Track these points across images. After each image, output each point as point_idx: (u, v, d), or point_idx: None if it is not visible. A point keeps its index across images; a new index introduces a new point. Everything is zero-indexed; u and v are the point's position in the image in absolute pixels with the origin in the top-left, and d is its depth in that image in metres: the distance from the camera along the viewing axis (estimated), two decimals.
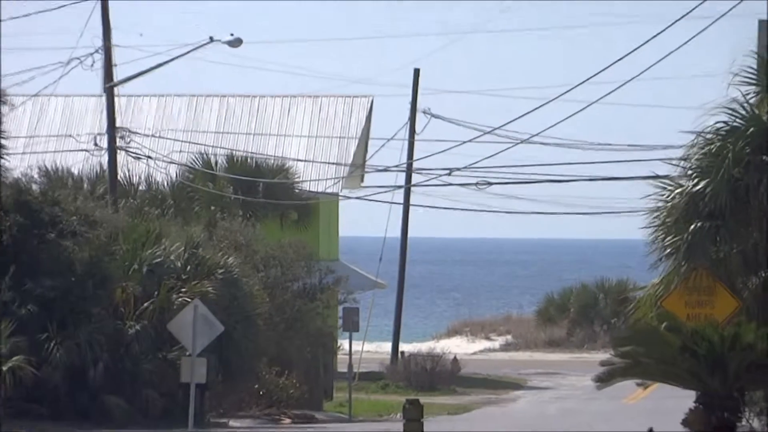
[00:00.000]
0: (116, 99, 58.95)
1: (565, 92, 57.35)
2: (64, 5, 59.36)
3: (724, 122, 33.70)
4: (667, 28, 60.25)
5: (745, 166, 33.13)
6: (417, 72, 74.72)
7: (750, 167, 33.14)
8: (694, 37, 50.50)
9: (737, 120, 34.08)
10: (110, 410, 49.08)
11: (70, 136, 60.01)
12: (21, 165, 52.07)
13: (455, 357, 72.91)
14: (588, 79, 54.06)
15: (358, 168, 69.11)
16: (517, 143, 65.44)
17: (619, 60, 68.93)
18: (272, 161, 63.24)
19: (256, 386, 54.63)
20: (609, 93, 60.21)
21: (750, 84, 34.31)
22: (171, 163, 61.34)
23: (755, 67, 34.92)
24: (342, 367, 61.37)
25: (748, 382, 27.74)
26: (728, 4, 50.53)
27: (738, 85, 34.15)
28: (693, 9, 54.23)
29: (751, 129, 33.69)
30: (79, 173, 57.70)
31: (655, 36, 66.36)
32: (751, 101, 34.45)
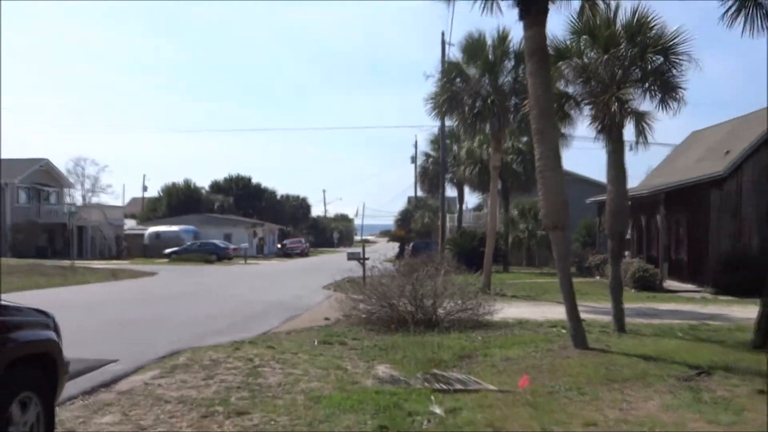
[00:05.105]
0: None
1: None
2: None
3: (407, 202, 62.17)
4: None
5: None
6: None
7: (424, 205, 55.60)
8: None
9: (411, 203, 59.85)
10: None
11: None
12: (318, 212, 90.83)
13: None
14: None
15: (357, 215, 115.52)
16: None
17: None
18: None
19: None
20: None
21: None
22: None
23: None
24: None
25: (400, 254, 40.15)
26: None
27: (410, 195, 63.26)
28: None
29: (417, 206, 56.40)
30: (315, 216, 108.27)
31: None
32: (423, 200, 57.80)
